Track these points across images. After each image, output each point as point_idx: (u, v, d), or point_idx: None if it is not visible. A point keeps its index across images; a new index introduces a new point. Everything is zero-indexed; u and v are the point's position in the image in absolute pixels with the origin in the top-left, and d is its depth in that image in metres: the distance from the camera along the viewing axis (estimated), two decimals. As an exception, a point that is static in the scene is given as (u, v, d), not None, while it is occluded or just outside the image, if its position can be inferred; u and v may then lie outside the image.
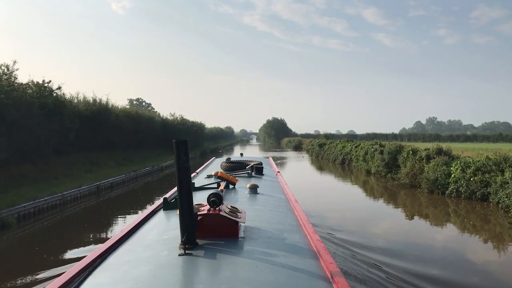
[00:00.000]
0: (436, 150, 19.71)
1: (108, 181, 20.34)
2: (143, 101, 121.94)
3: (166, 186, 22.48)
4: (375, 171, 25.85)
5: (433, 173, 17.88)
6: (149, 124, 38.02)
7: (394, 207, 17.04)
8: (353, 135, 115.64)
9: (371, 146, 28.99)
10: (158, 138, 42.60)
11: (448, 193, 16.96)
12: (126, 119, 31.98)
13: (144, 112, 36.34)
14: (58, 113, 19.74)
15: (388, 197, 19.36)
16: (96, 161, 25.53)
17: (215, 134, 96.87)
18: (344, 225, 13.12)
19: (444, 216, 15.47)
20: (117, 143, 30.95)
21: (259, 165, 7.62)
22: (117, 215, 15.22)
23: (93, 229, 13.04)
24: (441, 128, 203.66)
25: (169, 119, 48.15)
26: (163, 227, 3.78)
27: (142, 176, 25.58)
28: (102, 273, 2.74)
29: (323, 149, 46.06)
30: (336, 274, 2.60)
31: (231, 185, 5.61)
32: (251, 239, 3.15)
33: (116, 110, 31.08)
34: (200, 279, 2.44)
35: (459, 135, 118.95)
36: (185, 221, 2.79)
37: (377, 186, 23.21)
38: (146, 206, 14.75)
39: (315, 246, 3.24)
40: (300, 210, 4.64)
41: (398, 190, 20.06)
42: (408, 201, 18.02)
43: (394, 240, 11.68)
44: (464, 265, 9.70)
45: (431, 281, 8.22)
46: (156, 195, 18.93)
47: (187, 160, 2.79)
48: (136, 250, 3.10)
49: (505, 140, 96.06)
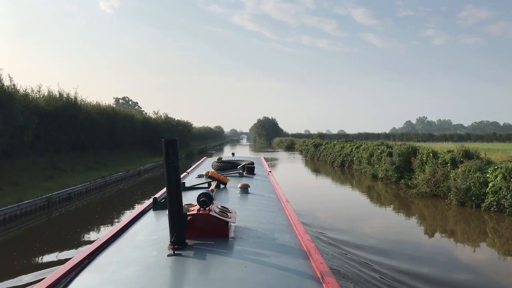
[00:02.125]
0: (463, 152, 16.44)
1: (65, 191, 16.55)
2: (129, 100, 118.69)
3: (139, 196, 18.92)
4: (383, 176, 22.54)
5: (463, 181, 14.59)
6: (128, 123, 34.29)
7: (417, 223, 13.73)
8: (345, 135, 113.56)
9: (377, 147, 25.71)
10: (138, 138, 38.92)
11: (486, 207, 13.69)
12: (100, 117, 28.27)
13: (122, 109, 32.64)
14: (5, 108, 16.08)
15: (404, 209, 16.05)
16: (61, 165, 21.84)
17: (204, 134, 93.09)
18: (361, 242, 10.61)
19: (479, 236, 12.25)
20: (89, 144, 27.24)
21: (250, 165, 7.52)
22: (70, 236, 11.73)
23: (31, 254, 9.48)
24: (431, 127, 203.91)
25: (152, 117, 44.41)
26: (153, 227, 3.69)
27: (113, 183, 21.86)
28: (90, 274, 2.65)
29: (319, 150, 42.73)
30: (326, 274, 2.55)
31: (222, 185, 5.54)
32: (241, 239, 3.10)
33: (88, 106, 27.36)
34: (189, 280, 2.40)
35: (452, 135, 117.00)
36: (174, 221, 2.74)
37: (387, 193, 19.90)
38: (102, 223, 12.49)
39: (305, 246, 3.14)
40: (291, 210, 4.52)
41: (414, 200, 16.75)
42: (433, 216, 14.72)
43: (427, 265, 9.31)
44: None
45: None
46: (120, 209, 15.41)
47: (177, 159, 2.74)
48: (125, 251, 3.03)
49: (498, 140, 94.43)
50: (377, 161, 24.01)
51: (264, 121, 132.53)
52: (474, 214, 13.91)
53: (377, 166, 23.91)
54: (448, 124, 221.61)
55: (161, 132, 42.38)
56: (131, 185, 23.19)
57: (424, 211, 15.53)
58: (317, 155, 42.42)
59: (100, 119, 28.20)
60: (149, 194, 20.30)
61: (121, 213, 15.05)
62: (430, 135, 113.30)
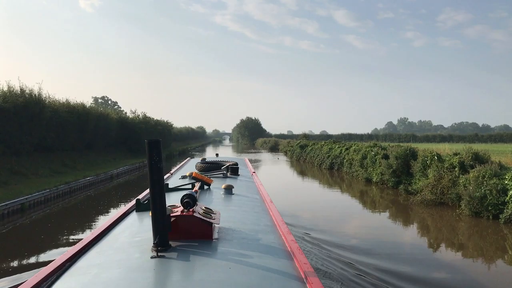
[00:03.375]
0: (472, 155, 14.71)
1: (16, 202, 13.97)
2: (108, 99, 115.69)
3: (104, 205, 16.65)
4: (378, 180, 20.75)
5: (476, 188, 12.82)
6: (102, 123, 31.81)
7: (423, 236, 11.89)
8: (327, 136, 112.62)
9: (370, 149, 23.93)
10: (114, 139, 36.47)
11: (505, 218, 11.93)
12: (69, 116, 25.81)
13: (94, 107, 30.08)
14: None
15: (406, 219, 14.23)
16: (21, 169, 19.38)
17: (185, 134, 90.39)
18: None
19: (496, 252, 10.52)
20: (57, 146, 24.77)
21: (234, 166, 7.47)
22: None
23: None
24: (412, 128, 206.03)
25: (129, 117, 41.84)
26: (135, 229, 3.62)
27: (80, 190, 19.44)
28: (71, 277, 2.60)
29: (305, 151, 40.88)
30: (310, 274, 2.55)
31: (206, 185, 5.49)
32: (225, 240, 3.08)
33: (55, 104, 24.87)
34: (173, 282, 2.33)
35: (435, 136, 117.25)
36: (157, 222, 2.72)
37: (382, 199, 18.09)
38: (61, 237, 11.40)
39: (289, 247, 3.16)
40: (275, 211, 4.52)
41: (418, 208, 14.94)
42: (441, 227, 12.92)
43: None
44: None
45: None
46: (73, 228, 13.13)
47: (160, 160, 2.71)
48: (107, 253, 2.97)
49: (480, 141, 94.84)
50: (371, 164, 22.22)
51: (247, 122, 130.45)
52: (491, 227, 12.16)
53: (371, 169, 22.12)
54: (428, 125, 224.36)
55: (139, 132, 39.98)
56: (101, 191, 20.81)
57: (429, 222, 13.73)
58: (303, 157, 40.56)
59: (69, 118, 25.76)
60: (118, 202, 18.30)
61: (85, 226, 12.79)
62: (413, 136, 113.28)
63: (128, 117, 41.85)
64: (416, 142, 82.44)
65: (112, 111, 42.68)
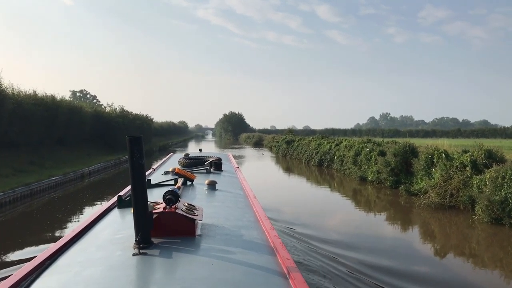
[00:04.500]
0: (485, 153, 13.19)
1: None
2: (87, 93, 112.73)
3: (66, 211, 14.56)
4: (373, 179, 19.16)
5: (495, 190, 11.28)
6: (74, 116, 29.47)
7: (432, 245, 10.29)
8: (311, 131, 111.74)
9: (364, 145, 22.35)
10: (88, 134, 34.10)
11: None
12: (36, 108, 23.50)
13: (65, 100, 27.67)
14: None
15: (410, 224, 12.66)
16: (-24, 168, 17.16)
17: (167, 129, 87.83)
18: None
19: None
20: (23, 141, 22.47)
21: (218, 161, 7.35)
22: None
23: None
24: (394, 123, 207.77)
25: (105, 110, 39.43)
26: (117, 226, 3.56)
27: (43, 192, 17.19)
28: (51, 276, 2.52)
29: (291, 147, 39.21)
30: (292, 269, 2.54)
31: (189, 181, 5.38)
32: (208, 237, 3.06)
33: (19, 95, 22.54)
34: (155, 279, 2.28)
35: (418, 131, 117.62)
36: (139, 219, 2.67)
37: (379, 200, 16.54)
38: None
39: (272, 242, 3.15)
40: (258, 206, 4.48)
41: (423, 212, 13.37)
42: (454, 236, 11.36)
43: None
44: None
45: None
46: (30, 239, 11.07)
47: (142, 156, 2.68)
48: (88, 250, 2.92)
49: (463, 136, 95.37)
50: (366, 161, 20.63)
51: (230, 116, 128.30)
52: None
53: (366, 167, 20.54)
54: (410, 120, 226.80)
55: (116, 127, 37.69)
56: (70, 192, 18.68)
57: (437, 227, 12.17)
58: (289, 153, 38.88)
59: (36, 111, 23.44)
60: (85, 204, 16.18)
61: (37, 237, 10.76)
62: (396, 131, 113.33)
63: (104, 111, 39.42)
64: (399, 137, 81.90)
65: (87, 104, 40.13)
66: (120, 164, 31.39)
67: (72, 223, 12.48)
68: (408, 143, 18.21)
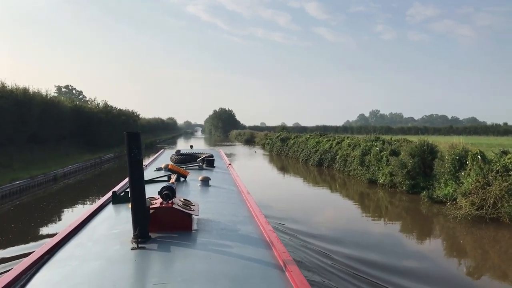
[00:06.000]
0: (532, 154, 11.00)
1: None
2: (73, 89, 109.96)
3: (17, 226, 11.96)
4: (386, 182, 16.93)
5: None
6: (51, 111, 26.77)
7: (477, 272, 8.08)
8: (302, 128, 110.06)
9: (372, 144, 20.13)
10: (68, 130, 31.36)
11: None
12: (4, 102, 20.84)
13: (38, 93, 24.89)
14: None
15: (438, 239, 10.46)
16: None
17: (155, 125, 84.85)
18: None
19: None
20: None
21: (210, 158, 7.39)
22: None
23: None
24: (383, 120, 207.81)
25: (87, 106, 36.65)
26: (113, 221, 3.62)
27: (3, 199, 14.55)
28: (51, 270, 2.54)
29: (286, 145, 36.90)
30: (289, 262, 2.58)
31: (182, 178, 5.43)
32: (204, 231, 3.11)
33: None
34: (154, 273, 2.33)
35: (410, 128, 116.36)
36: (137, 214, 2.72)
37: (396, 208, 14.35)
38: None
39: (267, 236, 3.19)
40: (252, 202, 4.51)
41: (456, 226, 11.17)
42: (504, 261, 9.15)
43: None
44: None
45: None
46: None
47: (139, 153, 2.73)
48: (86, 245, 2.94)
49: (455, 133, 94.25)
50: (376, 162, 18.40)
51: (220, 113, 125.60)
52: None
53: (375, 168, 18.31)
54: (399, 117, 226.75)
55: (98, 123, 35.00)
56: (38, 197, 16.12)
57: (479, 250, 9.98)
58: (284, 151, 36.55)
59: (3, 105, 20.78)
60: (50, 214, 13.71)
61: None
62: (388, 128, 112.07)
63: (86, 106, 36.65)
64: (392, 134, 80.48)
65: (66, 99, 37.30)
66: (101, 164, 28.80)
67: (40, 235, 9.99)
68: (426, 141, 16.01)
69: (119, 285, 2.14)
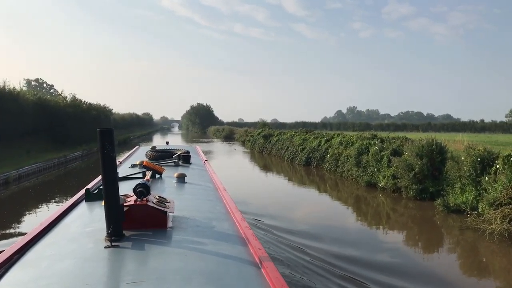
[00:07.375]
0: None
1: None
2: (43, 82, 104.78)
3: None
4: (389, 185, 15.04)
5: None
6: (9, 105, 23.92)
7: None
8: (280, 124, 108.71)
9: (369, 142, 18.24)
10: (31, 126, 28.45)
11: None
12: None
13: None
14: None
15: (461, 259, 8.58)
16: None
17: (129, 121, 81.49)
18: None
19: None
20: None
21: (186, 154, 7.31)
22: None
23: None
24: (360, 117, 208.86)
25: (54, 99, 33.63)
26: (87, 219, 3.52)
27: None
28: (21, 270, 2.43)
29: (269, 142, 34.83)
30: (265, 259, 2.56)
31: (157, 174, 5.29)
32: (180, 229, 3.04)
33: None
34: (128, 271, 2.28)
35: (388, 124, 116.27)
36: (111, 212, 2.65)
37: (407, 218, 12.49)
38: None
39: (243, 233, 3.14)
40: (228, 198, 4.45)
41: (483, 243, 9.32)
42: None
43: None
44: None
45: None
46: None
47: (113, 149, 2.64)
48: (59, 244, 2.83)
49: (433, 130, 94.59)
50: (375, 162, 16.49)
51: (198, 108, 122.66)
52: None
53: (374, 169, 16.42)
54: (376, 114, 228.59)
55: (66, 118, 32.13)
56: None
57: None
58: (267, 149, 34.48)
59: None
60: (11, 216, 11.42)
61: None
62: (367, 125, 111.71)
63: (52, 100, 33.65)
64: (370, 130, 79.77)
65: (28, 91, 34.19)
66: (66, 163, 26.10)
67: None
68: (435, 140, 14.18)
69: (92, 284, 2.07)
